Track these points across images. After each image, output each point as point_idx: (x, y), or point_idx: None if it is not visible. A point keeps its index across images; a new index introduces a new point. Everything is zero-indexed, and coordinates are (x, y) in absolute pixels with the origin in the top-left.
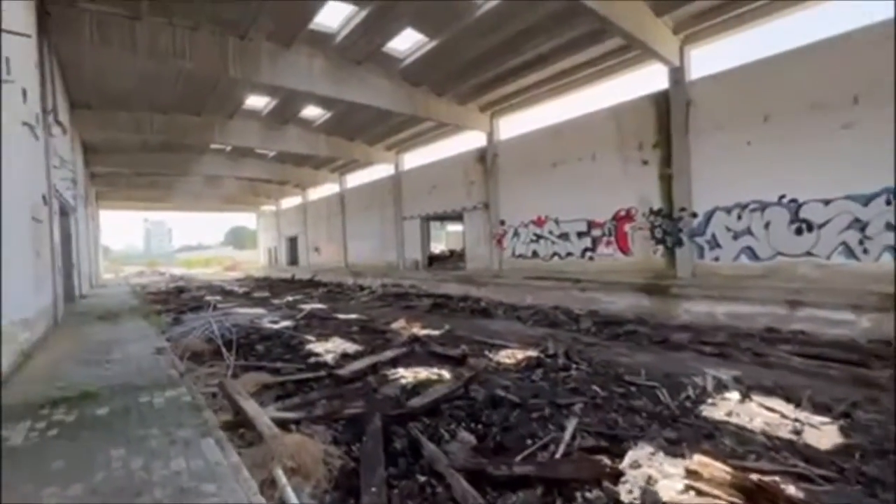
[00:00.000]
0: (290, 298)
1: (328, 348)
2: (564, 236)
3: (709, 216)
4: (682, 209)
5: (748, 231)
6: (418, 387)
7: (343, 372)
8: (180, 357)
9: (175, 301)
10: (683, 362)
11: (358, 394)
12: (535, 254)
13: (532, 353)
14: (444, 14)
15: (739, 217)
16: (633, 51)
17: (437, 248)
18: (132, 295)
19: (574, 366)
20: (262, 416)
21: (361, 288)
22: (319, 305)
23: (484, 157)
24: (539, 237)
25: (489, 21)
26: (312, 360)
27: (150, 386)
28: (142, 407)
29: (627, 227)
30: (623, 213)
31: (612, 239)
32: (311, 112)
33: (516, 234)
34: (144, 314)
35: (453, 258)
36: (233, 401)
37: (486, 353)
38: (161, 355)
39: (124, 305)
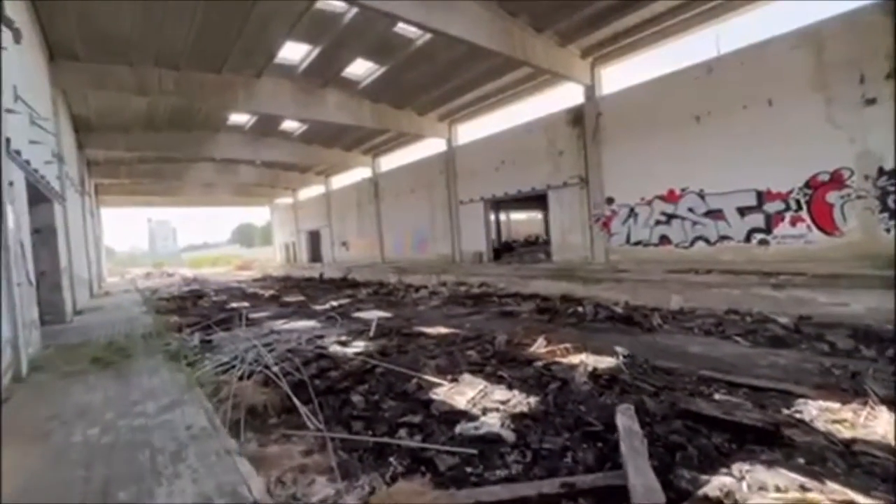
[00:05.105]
0: (334, 303)
1: (472, 399)
2: (714, 214)
3: None
4: None
5: None
6: None
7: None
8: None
9: (194, 310)
10: None
11: None
12: (664, 239)
13: (870, 410)
14: None
15: None
16: None
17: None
18: (142, 305)
19: None
20: None
21: (415, 289)
22: (381, 313)
23: (579, 119)
24: (671, 217)
25: None
26: (469, 428)
27: None
28: None
29: (833, 197)
30: (825, 179)
31: (804, 214)
32: (358, 68)
33: (632, 214)
34: (169, 351)
35: (531, 246)
36: None
37: (781, 408)
38: None
39: (135, 325)
